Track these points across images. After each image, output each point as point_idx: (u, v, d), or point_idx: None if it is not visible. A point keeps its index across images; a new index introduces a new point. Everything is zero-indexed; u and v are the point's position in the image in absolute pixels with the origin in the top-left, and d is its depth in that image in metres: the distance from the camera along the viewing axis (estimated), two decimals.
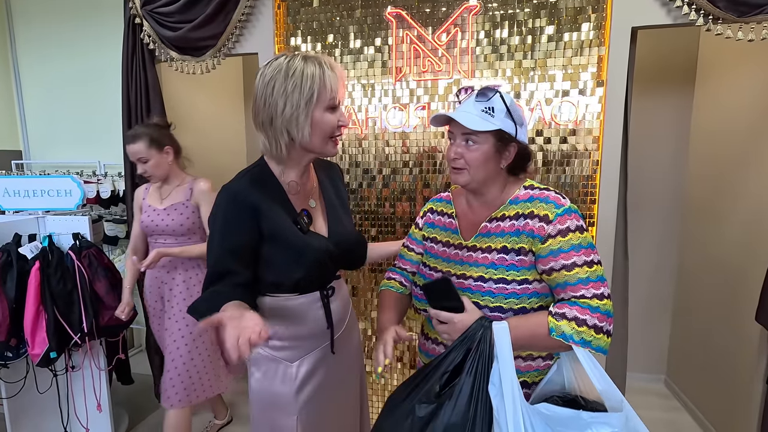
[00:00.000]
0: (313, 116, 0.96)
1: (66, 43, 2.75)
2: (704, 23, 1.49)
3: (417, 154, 1.87)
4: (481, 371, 0.85)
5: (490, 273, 0.95)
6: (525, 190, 1.00)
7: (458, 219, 1.09)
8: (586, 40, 1.65)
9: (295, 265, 0.99)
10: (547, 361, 1.01)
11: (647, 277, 2.60)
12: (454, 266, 1.03)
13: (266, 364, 1.07)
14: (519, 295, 0.94)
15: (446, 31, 1.75)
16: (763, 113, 1.81)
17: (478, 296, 0.96)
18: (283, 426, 1.06)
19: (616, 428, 0.82)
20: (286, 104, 0.94)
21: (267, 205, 0.98)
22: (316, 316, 1.07)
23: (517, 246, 0.95)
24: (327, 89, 0.95)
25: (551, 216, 0.92)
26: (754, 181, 1.85)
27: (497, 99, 0.96)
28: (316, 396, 1.09)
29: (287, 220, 1.00)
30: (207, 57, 1.97)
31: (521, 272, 0.94)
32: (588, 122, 1.69)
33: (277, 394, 1.06)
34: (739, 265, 1.94)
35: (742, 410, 1.80)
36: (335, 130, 1.00)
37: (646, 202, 2.58)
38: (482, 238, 1.00)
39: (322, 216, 1.09)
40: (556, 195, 0.96)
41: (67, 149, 2.88)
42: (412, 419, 0.87)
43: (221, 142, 2.86)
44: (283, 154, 1.00)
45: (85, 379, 1.99)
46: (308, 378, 1.07)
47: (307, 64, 0.94)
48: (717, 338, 2.09)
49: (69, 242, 1.90)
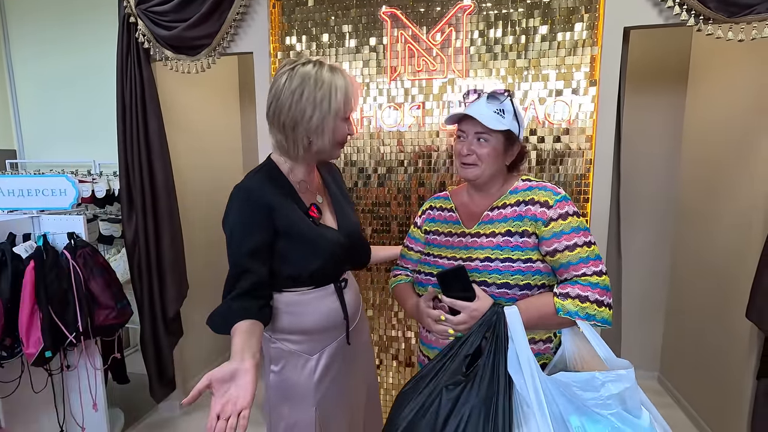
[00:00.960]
0: (336, 126, 1.03)
1: (60, 41, 2.74)
2: (695, 23, 1.50)
3: (412, 154, 1.88)
4: (500, 352, 0.94)
5: (496, 254, 1.02)
6: (523, 182, 1.09)
7: (458, 211, 1.15)
8: (579, 39, 1.66)
9: (312, 256, 1.04)
10: (547, 344, 1.07)
11: (641, 275, 2.62)
12: (459, 251, 1.09)
13: (285, 358, 1.10)
14: (524, 272, 1.00)
15: (441, 31, 1.76)
16: (754, 114, 1.83)
17: (485, 275, 1.02)
18: (302, 419, 1.09)
19: (629, 383, 0.89)
20: (314, 113, 0.99)
21: (280, 201, 1.03)
22: (332, 308, 1.12)
23: (521, 229, 1.02)
24: (351, 101, 1.02)
25: (551, 201, 1.01)
26: (744, 182, 1.87)
27: (508, 102, 1.05)
28: (333, 388, 1.13)
29: (300, 214, 1.06)
30: (202, 56, 1.96)
31: (525, 252, 1.01)
32: (581, 121, 1.70)
33: (297, 388, 1.10)
34: (730, 263, 1.96)
35: (733, 406, 1.82)
36: (345, 138, 1.08)
37: (639, 202, 2.60)
38: (485, 225, 1.07)
39: (330, 210, 1.16)
40: (552, 185, 1.05)
41: (62, 148, 2.87)
42: (440, 402, 0.93)
43: (217, 141, 2.86)
44: (300, 155, 1.06)
45: (80, 378, 1.99)
46: (326, 370, 1.12)
47: (334, 75, 1.00)
48: (709, 336, 2.11)
49: (64, 242, 1.89)
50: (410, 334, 2.00)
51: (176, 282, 2.19)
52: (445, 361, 0.99)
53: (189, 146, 2.52)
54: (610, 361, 0.94)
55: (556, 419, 0.87)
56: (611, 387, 0.88)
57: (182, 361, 2.47)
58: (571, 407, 0.89)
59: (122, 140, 2.10)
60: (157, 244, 2.15)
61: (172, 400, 2.38)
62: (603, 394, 0.88)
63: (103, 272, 1.92)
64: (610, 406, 0.87)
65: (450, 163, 1.84)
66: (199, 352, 2.69)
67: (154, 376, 2.25)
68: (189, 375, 2.58)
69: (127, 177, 2.12)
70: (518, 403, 0.90)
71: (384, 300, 1.99)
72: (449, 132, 1.82)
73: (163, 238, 2.15)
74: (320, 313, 1.10)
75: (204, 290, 2.65)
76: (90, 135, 2.78)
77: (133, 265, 2.17)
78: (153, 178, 2.12)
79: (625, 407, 0.88)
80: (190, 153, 2.51)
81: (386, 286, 1.97)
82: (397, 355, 2.04)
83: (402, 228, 1.93)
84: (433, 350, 1.15)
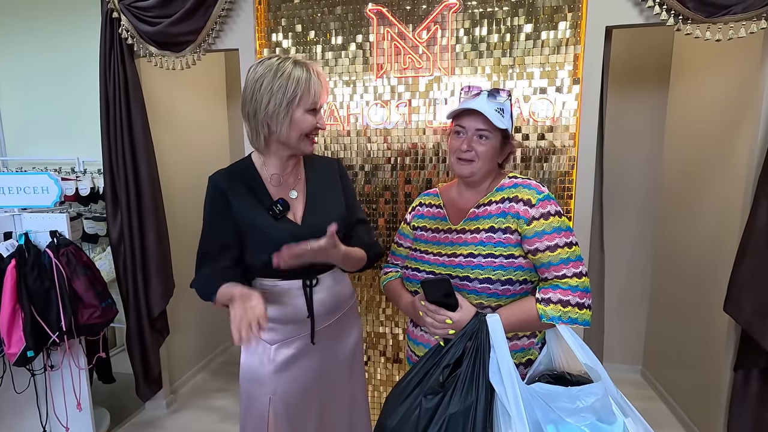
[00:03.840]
0: (294, 115, 1.05)
1: (42, 37, 2.69)
2: (674, 23, 1.53)
3: (399, 151, 1.89)
4: (479, 361, 0.94)
5: (479, 249, 1.03)
6: (509, 179, 1.10)
7: (446, 208, 1.16)
8: (563, 38, 1.68)
9: (264, 247, 1.05)
10: (531, 339, 1.08)
11: (624, 270, 2.66)
12: (444, 248, 1.09)
13: (253, 342, 1.14)
14: (506, 267, 1.01)
15: (426, 29, 1.77)
16: (732, 112, 1.87)
17: (468, 270, 1.03)
18: (259, 402, 1.13)
19: (598, 395, 0.91)
20: (270, 101, 1.04)
21: (237, 191, 1.09)
22: (296, 303, 1.12)
23: (503, 226, 1.03)
24: (310, 93, 1.04)
25: (534, 200, 1.02)
26: (723, 178, 1.91)
27: (507, 102, 1.06)
28: (294, 383, 1.13)
29: (257, 206, 1.09)
30: (187, 53, 1.95)
31: (507, 248, 1.02)
32: (565, 119, 1.72)
33: (256, 372, 1.14)
34: (709, 258, 2.01)
35: (712, 397, 1.87)
36: (313, 131, 1.09)
37: (622, 198, 2.64)
38: (470, 222, 1.08)
39: (302, 206, 1.15)
40: (536, 183, 1.07)
41: (44, 146, 2.82)
42: (419, 411, 0.94)
43: (204, 139, 2.84)
44: (262, 145, 1.10)
45: (64, 378, 1.97)
46: (286, 363, 1.13)
47: (295, 67, 1.04)
48: (690, 329, 2.16)
49: (46, 240, 1.87)
50: (398, 331, 2.01)
51: (162, 280, 2.18)
52: (429, 367, 0.99)
53: (174, 143, 2.49)
54: (588, 368, 0.96)
55: (535, 428, 0.89)
56: (584, 400, 0.90)
57: (169, 359, 2.46)
58: (549, 417, 0.90)
59: (106, 137, 2.07)
60: (142, 242, 2.13)
61: (158, 399, 2.37)
62: (577, 406, 0.90)
63: (86, 271, 1.90)
64: (584, 418, 0.90)
65: (437, 160, 1.86)
66: (186, 351, 2.68)
67: (140, 375, 2.23)
68: (176, 374, 2.57)
69: (112, 174, 2.10)
70: (498, 412, 0.91)
71: (372, 297, 2.00)
72: (435, 129, 1.83)
73: (149, 236, 2.13)
74: (283, 306, 1.12)
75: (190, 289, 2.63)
76: (74, 132, 2.74)
77: (119, 263, 2.15)
78: (138, 176, 2.10)
79: (598, 417, 0.90)
80: (175, 150, 2.49)
81: (374, 282, 1.98)
82: (384, 351, 2.05)
83: (389, 225, 1.93)
84: (418, 346, 1.16)
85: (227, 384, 2.65)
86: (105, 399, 2.33)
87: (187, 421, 2.30)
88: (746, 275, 1.59)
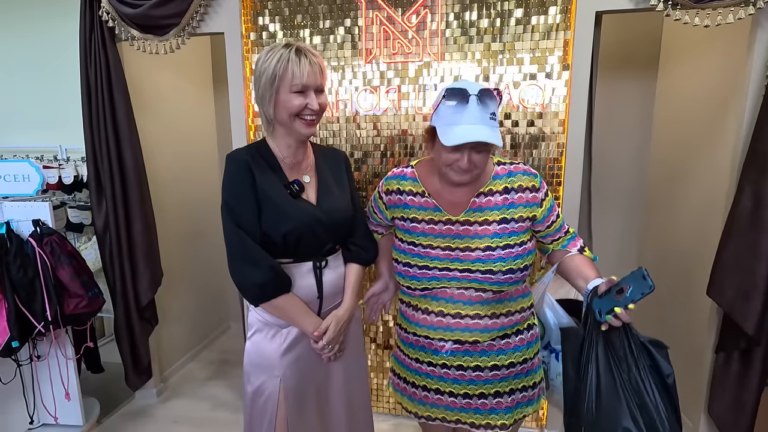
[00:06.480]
0: (278, 96, 1.08)
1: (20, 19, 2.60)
2: (664, 8, 1.53)
3: (388, 137, 1.87)
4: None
5: (496, 242, 1.05)
6: (498, 166, 1.11)
7: (433, 197, 1.11)
8: (553, 23, 1.67)
9: (283, 220, 1.08)
10: (522, 314, 1.14)
11: (611, 255, 2.69)
12: (451, 241, 1.08)
13: (259, 327, 1.18)
14: (522, 255, 1.06)
15: (416, 13, 1.75)
16: (719, 100, 1.88)
17: (489, 264, 1.04)
18: (267, 387, 1.15)
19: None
20: (259, 81, 1.09)
21: (259, 167, 1.11)
22: (307, 283, 1.15)
23: (516, 215, 1.07)
24: (289, 73, 1.05)
25: (537, 184, 1.10)
26: (709, 166, 1.93)
27: (495, 102, 0.99)
28: (300, 362, 1.17)
29: (278, 184, 1.12)
30: (170, 36, 1.90)
31: (520, 236, 1.07)
32: (554, 105, 1.72)
33: (265, 356, 1.16)
34: (694, 246, 2.04)
35: (694, 380, 1.91)
36: (302, 111, 1.08)
37: (610, 184, 2.66)
38: (474, 213, 1.08)
39: (314, 190, 1.18)
40: (524, 166, 1.12)
41: (25, 133, 2.74)
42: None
43: (190, 125, 2.79)
44: (267, 127, 1.16)
45: (51, 368, 1.95)
46: (295, 343, 1.16)
47: (284, 49, 1.06)
48: (675, 314, 2.21)
49: (29, 229, 1.83)
50: (388, 317, 2.02)
51: (150, 269, 2.15)
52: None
53: (159, 130, 2.45)
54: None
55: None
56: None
57: (159, 349, 2.44)
58: None
59: (88, 124, 2.02)
60: (128, 231, 2.10)
61: (148, 388, 2.36)
62: None
63: (71, 260, 1.87)
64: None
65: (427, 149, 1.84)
66: (176, 341, 2.66)
67: (130, 365, 2.22)
68: (166, 364, 2.56)
69: (95, 162, 2.05)
70: None
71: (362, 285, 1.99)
72: (425, 116, 1.82)
73: (135, 224, 2.10)
74: (295, 287, 1.14)
75: (179, 278, 2.62)
76: (56, 119, 2.67)
77: (105, 252, 2.11)
78: (122, 164, 2.06)
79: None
80: (161, 137, 2.45)
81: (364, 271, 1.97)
82: (375, 338, 2.06)
83: None
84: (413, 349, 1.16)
85: (218, 373, 2.65)
86: (94, 389, 2.32)
87: (178, 410, 2.30)
88: (729, 259, 1.62)
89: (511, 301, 1.11)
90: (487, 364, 1.10)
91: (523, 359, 1.13)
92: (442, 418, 1.17)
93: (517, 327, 1.13)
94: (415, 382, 1.18)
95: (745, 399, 1.66)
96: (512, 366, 1.12)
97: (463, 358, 1.10)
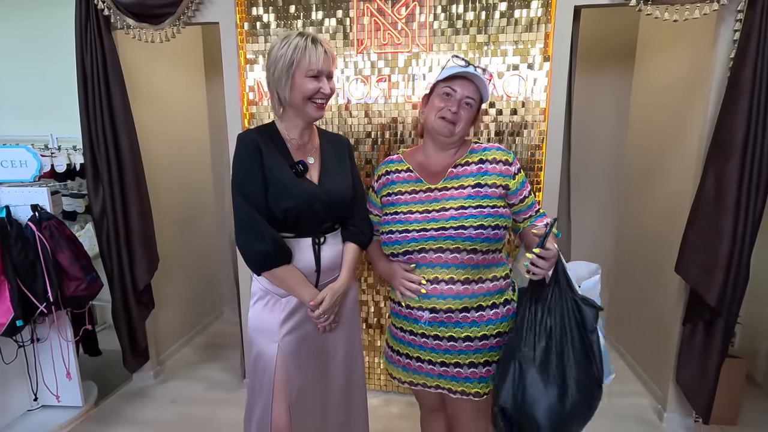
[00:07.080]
0: (294, 80, 1.16)
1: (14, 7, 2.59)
2: (637, 4, 1.64)
3: (379, 125, 1.96)
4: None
5: (469, 202, 1.17)
6: (476, 144, 1.26)
7: (416, 171, 1.26)
8: (535, 17, 1.77)
9: (284, 197, 1.16)
10: (494, 282, 1.20)
11: (589, 238, 2.83)
12: (429, 204, 1.20)
13: (261, 295, 1.28)
14: (493, 215, 1.16)
15: (405, 5, 1.82)
16: (687, 90, 2.01)
17: (461, 220, 1.15)
18: (266, 350, 1.24)
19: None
20: (275, 66, 1.16)
21: (267, 146, 1.19)
22: (306, 257, 1.24)
23: (489, 181, 1.19)
24: (306, 59, 1.14)
25: (510, 159, 1.22)
26: (679, 153, 2.07)
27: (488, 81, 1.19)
28: (298, 331, 1.25)
29: (284, 163, 1.20)
30: (166, 25, 1.94)
31: (492, 200, 1.17)
32: (536, 95, 1.82)
33: (265, 322, 1.25)
34: (665, 229, 2.18)
35: (664, 351, 2.06)
36: (315, 95, 1.18)
37: (588, 170, 2.80)
38: (451, 180, 1.21)
39: (318, 170, 1.27)
40: (498, 145, 1.26)
41: (15, 122, 2.75)
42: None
43: (183, 113, 2.82)
44: (278, 109, 1.23)
45: (53, 349, 2.00)
46: (293, 312, 1.25)
47: (299, 38, 1.14)
48: (648, 292, 2.35)
49: (27, 214, 1.87)
50: (379, 298, 2.12)
51: (146, 254, 2.20)
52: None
53: (154, 118, 2.48)
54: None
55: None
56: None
57: (155, 332, 2.50)
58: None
59: (85, 111, 2.06)
60: (125, 217, 2.15)
61: (145, 371, 2.42)
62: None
63: (70, 244, 1.92)
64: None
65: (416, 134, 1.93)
66: (172, 325, 2.72)
67: (127, 348, 2.27)
68: (162, 347, 2.62)
69: (92, 149, 2.09)
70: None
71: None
72: (414, 104, 1.90)
73: (132, 210, 2.15)
74: (295, 260, 1.22)
75: (174, 263, 2.67)
76: (47, 108, 2.68)
77: (102, 237, 2.16)
78: (119, 150, 2.10)
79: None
80: (154, 125, 2.48)
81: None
82: (366, 318, 2.15)
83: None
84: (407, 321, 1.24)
85: (212, 356, 2.72)
86: (91, 374, 2.36)
87: (175, 390, 2.36)
88: (695, 239, 1.75)
89: (485, 268, 1.18)
90: (461, 335, 1.18)
91: (496, 332, 1.19)
92: (423, 384, 1.27)
93: (492, 300, 1.19)
94: (399, 351, 1.28)
95: (708, 367, 1.81)
96: (485, 338, 1.18)
97: (438, 328, 1.19)
